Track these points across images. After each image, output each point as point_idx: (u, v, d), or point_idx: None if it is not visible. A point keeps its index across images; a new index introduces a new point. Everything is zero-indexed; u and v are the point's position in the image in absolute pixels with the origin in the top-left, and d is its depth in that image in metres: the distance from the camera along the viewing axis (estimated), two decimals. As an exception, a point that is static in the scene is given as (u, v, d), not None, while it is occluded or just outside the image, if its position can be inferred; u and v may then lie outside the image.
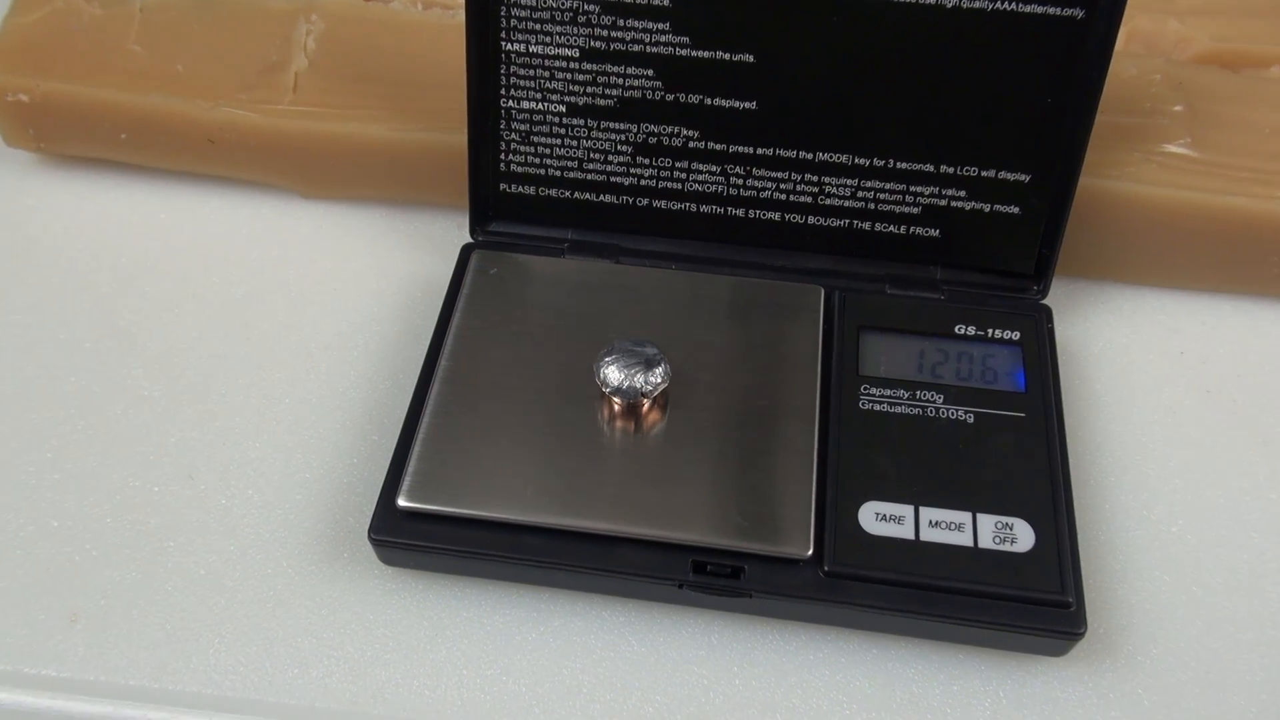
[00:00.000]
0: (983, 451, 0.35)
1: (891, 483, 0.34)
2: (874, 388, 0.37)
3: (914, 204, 0.39)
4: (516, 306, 0.39)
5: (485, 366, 0.37)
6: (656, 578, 0.33)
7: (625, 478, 0.34)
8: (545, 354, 0.37)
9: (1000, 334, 0.38)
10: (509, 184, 0.41)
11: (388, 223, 0.46)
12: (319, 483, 0.38)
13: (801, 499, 0.34)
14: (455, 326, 0.38)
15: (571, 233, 0.42)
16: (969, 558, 0.33)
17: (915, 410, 0.36)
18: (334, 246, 0.45)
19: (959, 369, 0.37)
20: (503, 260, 0.40)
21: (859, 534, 0.33)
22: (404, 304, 0.43)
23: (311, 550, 0.36)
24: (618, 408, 0.36)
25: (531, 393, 0.36)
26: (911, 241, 0.40)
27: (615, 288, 0.39)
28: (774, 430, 0.35)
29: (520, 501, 0.34)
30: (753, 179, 0.40)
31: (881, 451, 0.35)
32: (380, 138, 0.43)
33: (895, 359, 0.37)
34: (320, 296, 0.43)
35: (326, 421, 0.39)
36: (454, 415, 0.36)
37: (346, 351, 0.42)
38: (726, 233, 0.41)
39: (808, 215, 0.40)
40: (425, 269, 0.44)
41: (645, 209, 0.41)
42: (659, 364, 0.35)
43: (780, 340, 0.38)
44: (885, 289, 0.40)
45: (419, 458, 0.35)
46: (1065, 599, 0.32)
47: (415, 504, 0.34)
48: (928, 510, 0.34)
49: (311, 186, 0.46)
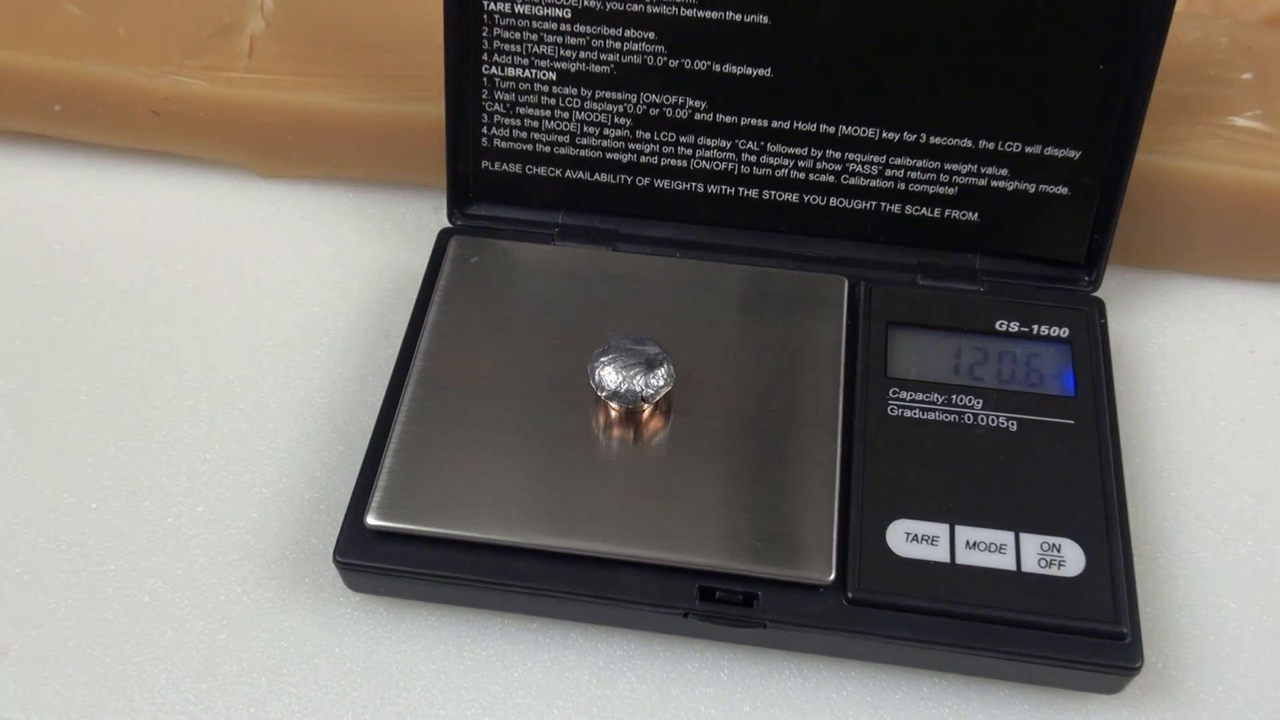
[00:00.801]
0: (1027, 463, 0.35)
1: (924, 499, 0.34)
2: (904, 391, 0.37)
3: (950, 184, 0.39)
4: (501, 299, 0.39)
5: (465, 367, 0.37)
6: (659, 605, 0.33)
7: (623, 493, 0.34)
8: (533, 353, 0.37)
9: (1047, 331, 0.38)
10: (492, 161, 0.41)
11: (355, 205, 0.46)
12: (278, 499, 0.38)
13: (822, 517, 0.34)
14: (431, 322, 0.38)
15: (562, 216, 0.42)
16: (1011, 583, 0.33)
17: (951, 417, 0.36)
18: (295, 232, 0.45)
19: (1000, 370, 0.37)
20: (485, 247, 0.40)
21: (887, 556, 0.33)
22: (374, 297, 0.43)
23: (269, 575, 0.36)
24: (615, 414, 0.36)
25: (517, 397, 0.36)
26: (947, 226, 0.40)
27: (612, 278, 0.39)
28: (791, 439, 0.35)
29: (505, 520, 0.34)
30: (767, 156, 0.40)
31: (912, 463, 0.35)
32: (346, 109, 0.43)
33: (928, 359, 0.37)
34: (279, 288, 0.43)
35: (286, 430, 0.39)
36: (430, 423, 0.36)
37: (309, 350, 0.42)
38: (737, 216, 0.41)
39: (829, 196, 0.40)
40: (398, 257, 0.44)
41: (646, 189, 0.41)
42: (661, 364, 0.35)
43: (798, 337, 0.38)
44: (917, 280, 0.40)
45: (390, 471, 0.35)
46: (1119, 629, 0.32)
47: (386, 523, 0.34)
48: (965, 529, 0.34)
49: (269, 164, 0.46)
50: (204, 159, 0.47)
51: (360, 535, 0.34)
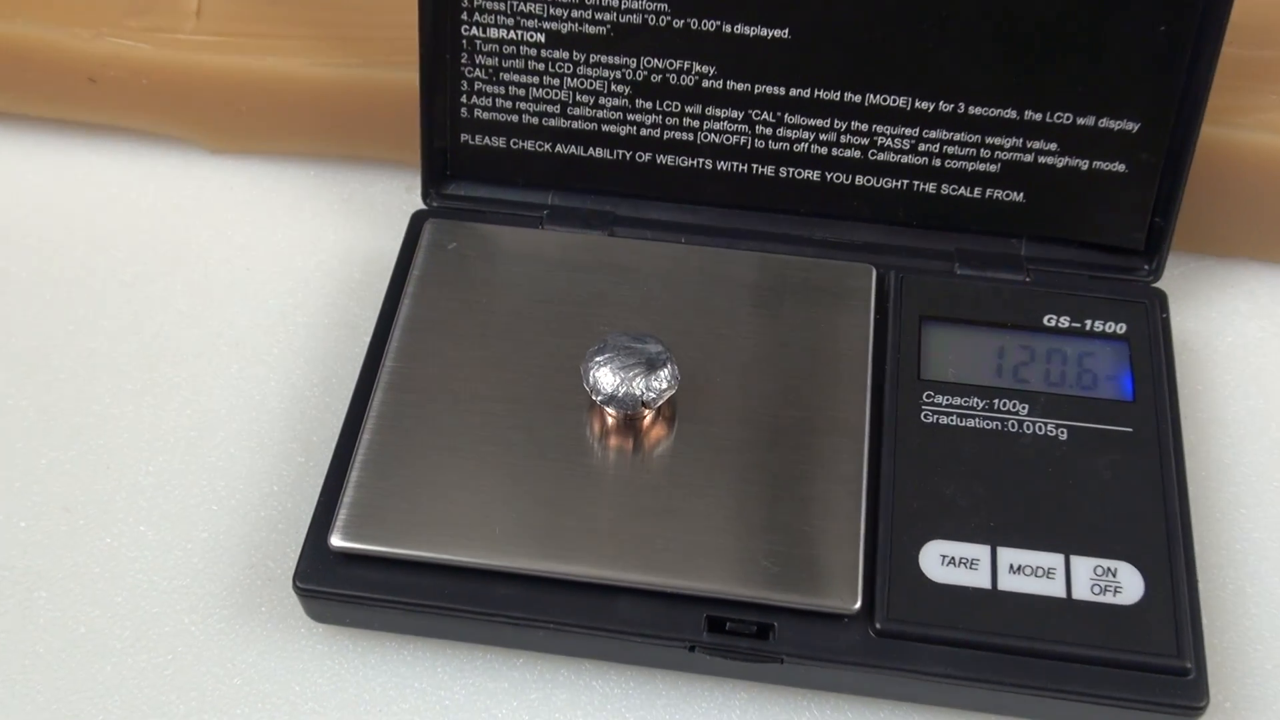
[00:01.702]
0: (1078, 477, 0.35)
1: (962, 517, 0.35)
2: (940, 395, 0.37)
3: (992, 160, 0.40)
4: (482, 291, 0.39)
5: (442, 368, 0.37)
6: (661, 638, 0.33)
7: (621, 510, 0.34)
8: (519, 352, 0.37)
9: (1101, 327, 0.38)
10: (472, 134, 0.41)
11: (317, 184, 0.46)
12: (230, 517, 0.38)
13: (847, 537, 0.34)
14: (404, 317, 0.38)
15: (552, 197, 0.42)
16: (1060, 612, 0.33)
17: (992, 424, 0.36)
18: (249, 215, 0.45)
19: (1048, 371, 0.37)
20: (464, 232, 0.40)
21: (920, 582, 0.34)
22: (338, 288, 0.43)
23: (221, 603, 0.36)
24: (612, 421, 0.36)
25: (501, 402, 0.36)
26: (988, 208, 0.40)
27: (609, 267, 0.40)
28: (811, 450, 0.35)
29: (487, 541, 0.34)
30: (784, 128, 0.40)
31: (949, 477, 0.35)
32: (307, 75, 0.43)
33: (967, 359, 0.38)
34: (231, 279, 0.44)
35: (239, 439, 0.40)
36: (402, 431, 0.36)
37: (265, 349, 0.42)
38: (751, 197, 0.41)
39: (855, 174, 0.40)
40: (365, 243, 0.44)
41: (647, 166, 0.41)
42: (664, 365, 0.35)
43: (820, 334, 0.38)
44: (954, 269, 0.40)
45: (357, 485, 0.35)
46: (1182, 664, 0.32)
47: (353, 544, 0.34)
48: (1008, 552, 0.34)
49: (220, 138, 0.46)
50: (146, 132, 0.47)
51: (324, 558, 0.34)
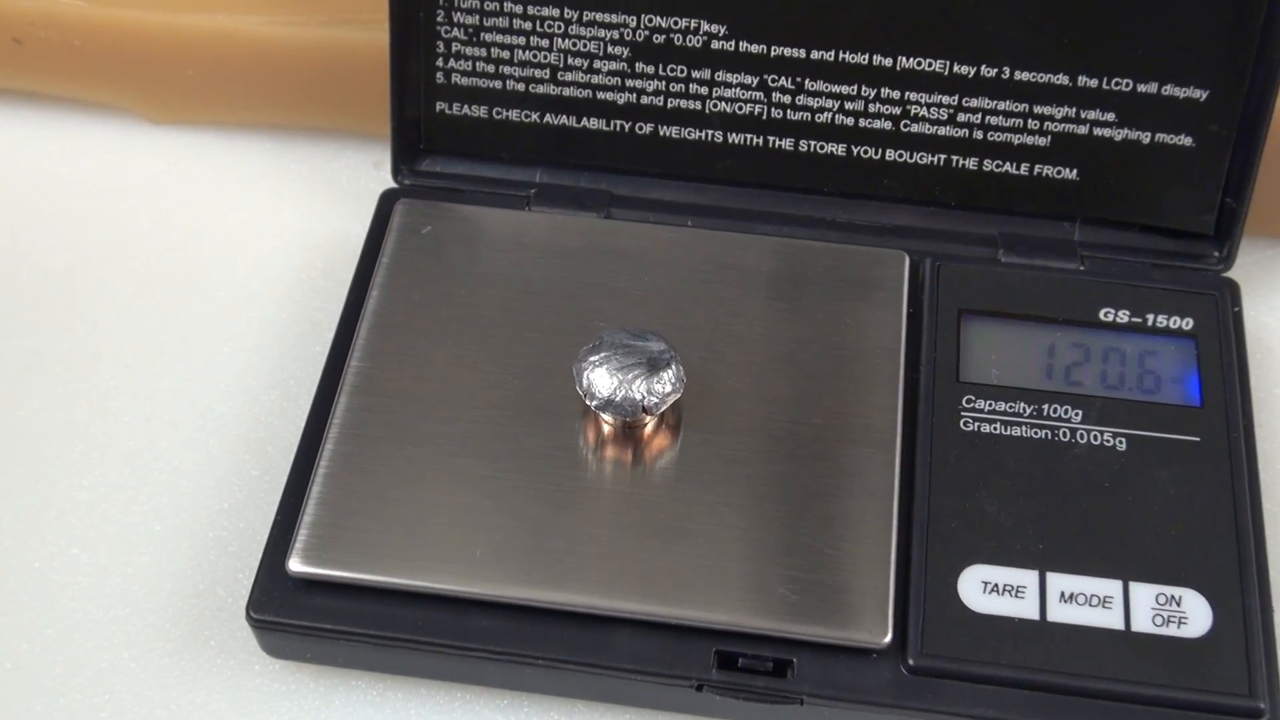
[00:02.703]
0: (1138, 493, 0.35)
1: (1006, 538, 0.35)
2: (981, 400, 0.37)
3: (1040, 132, 0.40)
4: (461, 281, 0.39)
5: (416, 369, 0.37)
6: (665, 676, 0.33)
7: (619, 531, 0.34)
8: (503, 351, 0.37)
9: (1165, 322, 0.39)
10: (449, 103, 0.41)
11: (273, 159, 0.46)
12: (175, 538, 0.38)
13: (876, 561, 0.34)
14: (372, 311, 0.38)
15: (541, 174, 0.42)
16: (1118, 646, 0.33)
17: (1041, 433, 0.36)
18: (195, 195, 0.45)
19: (1105, 373, 0.37)
20: (440, 214, 0.41)
21: (959, 612, 0.34)
22: (297, 278, 0.43)
23: (164, 636, 0.36)
24: (609, 429, 0.36)
25: (483, 408, 0.36)
26: (1037, 187, 0.40)
27: (605, 254, 0.40)
28: (835, 462, 0.35)
29: (467, 566, 0.34)
30: (804, 96, 0.40)
31: (992, 493, 0.35)
32: (261, 35, 0.43)
33: (1012, 358, 0.38)
34: (176, 268, 0.44)
35: (185, 449, 0.40)
36: (370, 441, 0.36)
37: (214, 348, 0.42)
38: (767, 173, 0.41)
39: (885, 148, 0.41)
40: (328, 226, 0.44)
41: (648, 139, 0.41)
42: (668, 365, 0.35)
43: (845, 330, 0.38)
44: (998, 256, 0.40)
45: (319, 502, 0.35)
46: (1254, 704, 0.33)
47: (314, 569, 0.34)
48: (1059, 578, 0.34)
49: (164, 107, 0.46)
50: (81, 100, 0.47)
51: (281, 585, 0.34)
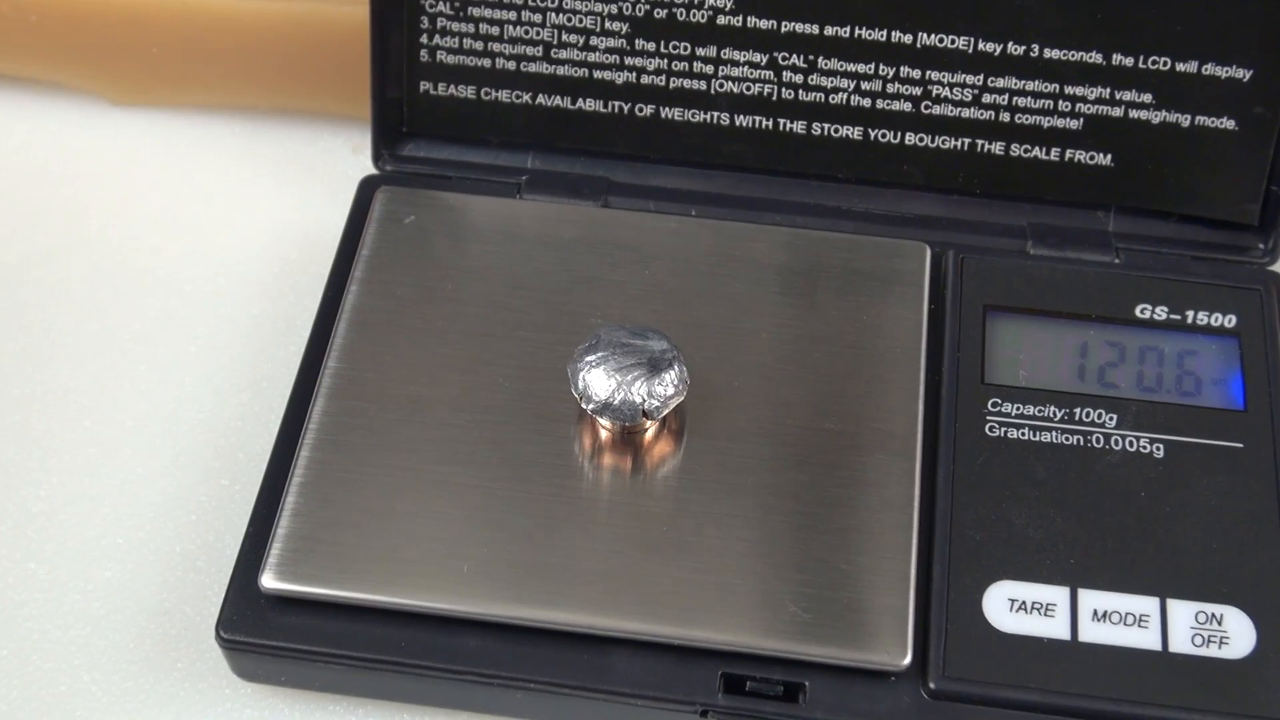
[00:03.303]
0: (1177, 503, 0.35)
1: (1035, 552, 0.35)
2: (1008, 403, 0.37)
3: (1072, 114, 0.40)
4: (447, 275, 0.39)
5: (398, 371, 0.37)
6: (668, 701, 0.33)
7: (618, 545, 0.34)
8: (492, 351, 0.38)
9: (1207, 319, 0.39)
10: (434, 82, 0.41)
11: (243, 143, 0.46)
12: (138, 552, 0.38)
13: (895, 577, 0.34)
14: (351, 308, 0.38)
15: (533, 159, 0.42)
16: (1155, 667, 0.33)
17: (1073, 439, 0.36)
18: (159, 181, 0.45)
19: (1142, 374, 0.38)
20: (424, 203, 0.41)
21: (985, 631, 0.34)
22: (270, 272, 0.43)
23: (128, 657, 0.36)
24: (607, 435, 0.36)
25: (470, 412, 0.36)
26: (1068, 173, 0.40)
27: (602, 245, 0.40)
28: (852, 470, 0.36)
29: (454, 583, 0.34)
30: (818, 75, 0.40)
31: (1020, 503, 0.35)
32: (231, 10, 0.43)
33: (1042, 358, 0.38)
34: (139, 261, 0.44)
35: (149, 457, 0.40)
36: (348, 447, 0.36)
37: (180, 347, 0.42)
38: (777, 159, 0.41)
39: (905, 132, 0.41)
40: (303, 216, 0.44)
41: (649, 122, 0.41)
42: (670, 365, 0.35)
43: (862, 328, 0.38)
44: (1027, 247, 0.40)
45: (294, 513, 0.35)
46: (1305, 733, 0.33)
47: (289, 585, 0.34)
48: (1091, 595, 0.34)
49: (125, 87, 0.46)
50: (36, 79, 0.47)
51: (253, 603, 0.34)
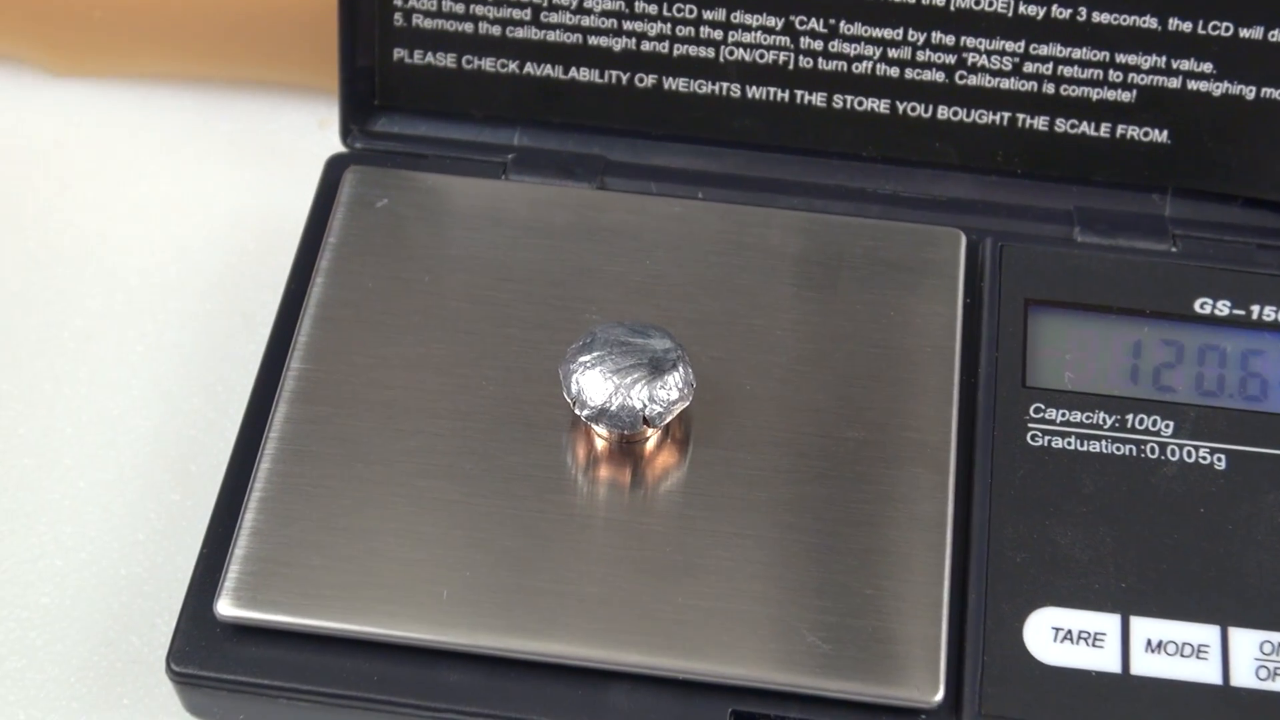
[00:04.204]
0: (1240, 520, 0.35)
1: (1082, 575, 0.35)
2: (1053, 409, 0.37)
3: (1124, 85, 0.40)
4: (423, 266, 0.39)
5: (369, 373, 0.37)
6: (671, 742, 0.34)
7: (615, 568, 0.34)
8: (474, 351, 0.38)
9: (1273, 314, 0.39)
10: (409, 49, 0.41)
11: (197, 118, 0.46)
12: (80, 575, 0.38)
13: (926, 603, 0.34)
14: (317, 302, 0.38)
15: (520, 135, 0.42)
16: (1214, 704, 0.33)
17: (1125, 448, 0.37)
18: (104, 160, 0.45)
19: (1201, 376, 0.38)
20: (399, 184, 0.41)
21: (1026, 664, 0.34)
22: (226, 261, 0.43)
23: (70, 692, 0.36)
24: (603, 445, 0.36)
25: (450, 418, 0.36)
26: (1120, 151, 0.41)
27: (598, 232, 0.40)
28: (878, 483, 0.36)
29: (432, 610, 0.34)
30: (840, 41, 0.40)
31: (1065, 520, 0.36)
32: (183, -33, 0.44)
33: (1090, 359, 0.38)
34: (82, 249, 0.44)
35: (92, 469, 0.40)
36: (313, 458, 0.36)
37: (126, 345, 0.42)
38: (793, 135, 0.41)
39: (936, 104, 0.41)
40: (263, 200, 0.44)
41: (650, 93, 0.41)
42: (674, 367, 0.35)
43: (889, 325, 0.38)
44: (1073, 234, 0.40)
45: (254, 533, 0.35)
46: (1384, 778, 0.33)
47: (247, 612, 0.34)
48: (1144, 623, 0.34)
49: (64, 55, 0.46)
50: (-39, 45, 0.47)
51: (208, 632, 0.34)
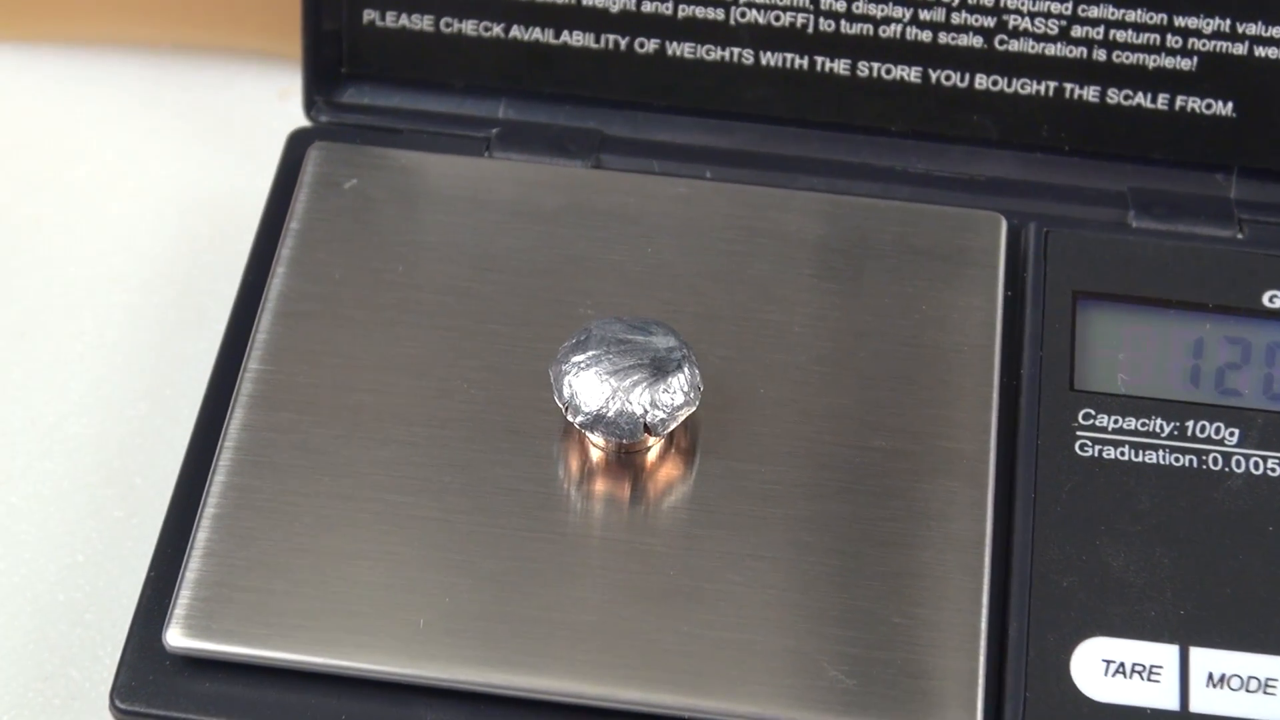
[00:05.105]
0: (1317, 540, 0.36)
1: (1136, 601, 0.35)
2: (1104, 415, 0.37)
3: (1184, 51, 0.40)
4: (397, 254, 0.39)
5: (335, 374, 0.37)
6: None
7: (613, 594, 0.35)
8: (454, 349, 0.38)
9: (1353, 308, 0.39)
10: (381, 10, 0.41)
11: (143, 88, 0.46)
12: (13, 601, 0.38)
13: (962, 632, 0.34)
14: (277, 294, 0.39)
15: (505, 107, 0.42)
16: (1289, 749, 0.34)
17: (1185, 459, 0.37)
18: (36, 135, 0.46)
19: (1271, 378, 0.38)
20: (370, 162, 0.41)
21: (1074, 700, 0.34)
22: (175, 250, 0.44)
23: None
24: (598, 456, 0.36)
25: (426, 426, 0.37)
26: (1179, 126, 0.41)
27: (593, 216, 0.40)
28: (908, 499, 0.36)
29: (406, 640, 0.34)
30: (866, 1, 0.40)
31: (1117, 540, 0.36)
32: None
33: (1146, 359, 0.38)
34: (11, 237, 0.44)
35: (24, 483, 0.40)
36: (273, 470, 0.36)
37: (63, 344, 0.42)
38: (813, 107, 0.41)
39: (974, 72, 0.41)
40: (217, 180, 0.45)
41: (652, 60, 0.41)
42: (679, 367, 0.35)
43: (921, 321, 0.38)
44: (1128, 219, 0.40)
45: (206, 555, 0.35)
46: None
47: (199, 643, 0.34)
48: (1206, 654, 0.34)
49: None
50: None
51: (155, 665, 0.34)
